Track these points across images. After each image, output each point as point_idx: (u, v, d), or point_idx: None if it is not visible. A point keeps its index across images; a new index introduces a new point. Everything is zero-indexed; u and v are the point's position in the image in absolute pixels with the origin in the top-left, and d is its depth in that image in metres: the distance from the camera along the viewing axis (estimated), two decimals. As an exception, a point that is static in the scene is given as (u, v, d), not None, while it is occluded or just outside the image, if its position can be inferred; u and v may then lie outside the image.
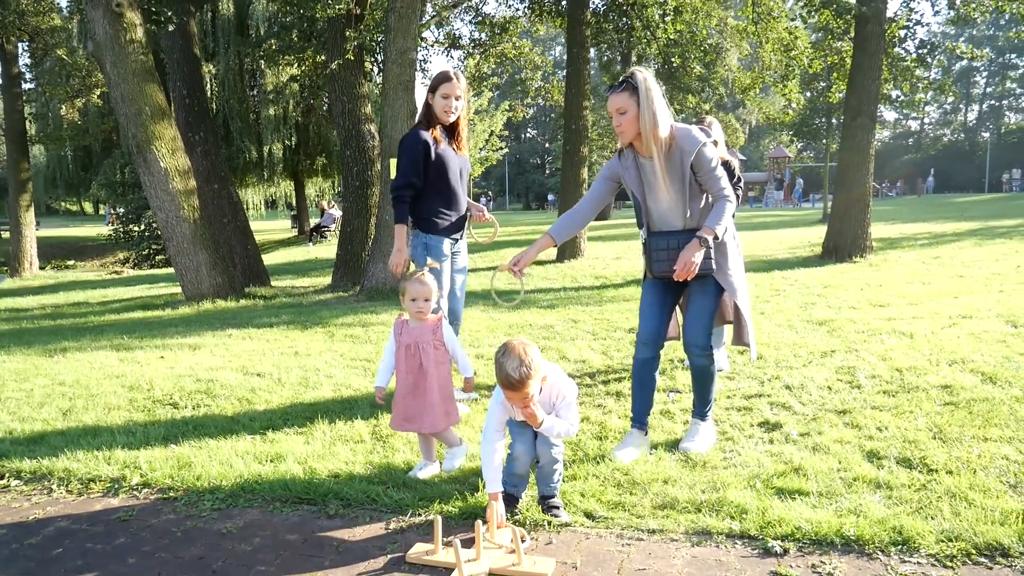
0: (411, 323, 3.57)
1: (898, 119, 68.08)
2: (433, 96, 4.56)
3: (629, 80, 3.50)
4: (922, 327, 6.25)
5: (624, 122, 3.51)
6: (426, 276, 3.55)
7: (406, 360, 3.53)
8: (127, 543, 2.99)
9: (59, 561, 2.86)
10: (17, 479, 3.74)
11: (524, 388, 2.80)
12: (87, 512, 3.33)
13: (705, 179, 3.57)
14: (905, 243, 13.98)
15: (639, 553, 2.73)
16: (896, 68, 13.98)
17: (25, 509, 3.39)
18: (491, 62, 17.67)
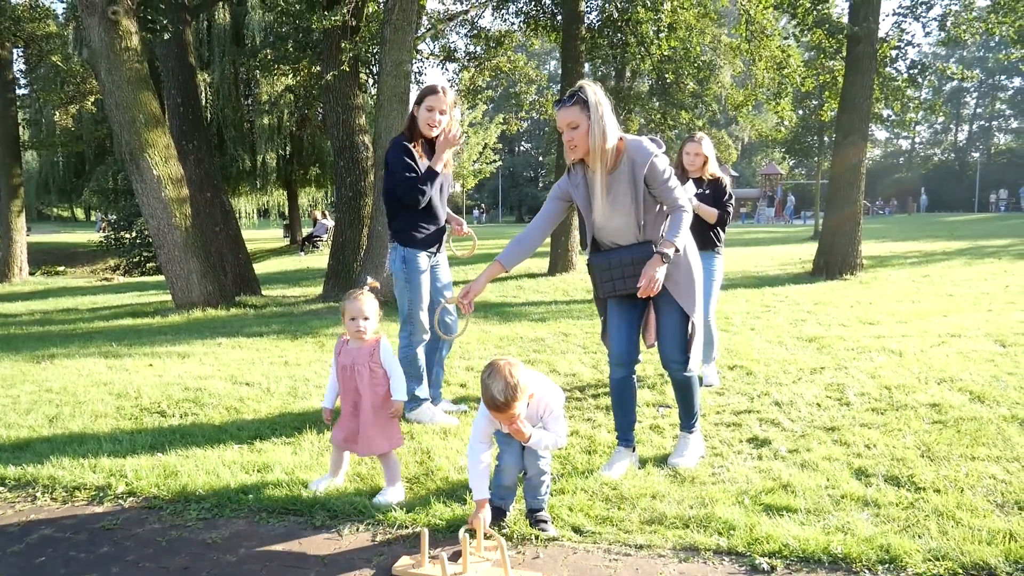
0: (351, 343, 3.51)
1: (889, 138, 68.68)
2: (418, 108, 4.54)
3: (579, 94, 3.42)
4: (911, 345, 6.27)
5: (576, 136, 3.43)
6: (364, 295, 3.48)
7: (344, 382, 3.49)
8: (111, 552, 2.97)
9: (41, 570, 2.84)
10: (1, 486, 3.71)
11: (510, 409, 2.80)
12: (71, 520, 3.30)
13: (659, 191, 3.50)
14: (895, 261, 14.06)
15: (627, 568, 2.72)
16: (887, 87, 14.08)
17: (8, 517, 3.36)
18: (486, 75, 17.72)
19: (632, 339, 3.76)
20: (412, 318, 4.64)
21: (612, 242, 3.65)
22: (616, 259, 3.58)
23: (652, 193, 3.52)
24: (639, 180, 3.45)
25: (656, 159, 3.45)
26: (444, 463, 3.80)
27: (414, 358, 4.67)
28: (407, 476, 3.68)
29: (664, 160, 3.50)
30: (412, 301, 4.62)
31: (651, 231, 3.57)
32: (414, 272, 4.58)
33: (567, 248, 13.87)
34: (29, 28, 20.89)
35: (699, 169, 5.42)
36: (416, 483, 3.60)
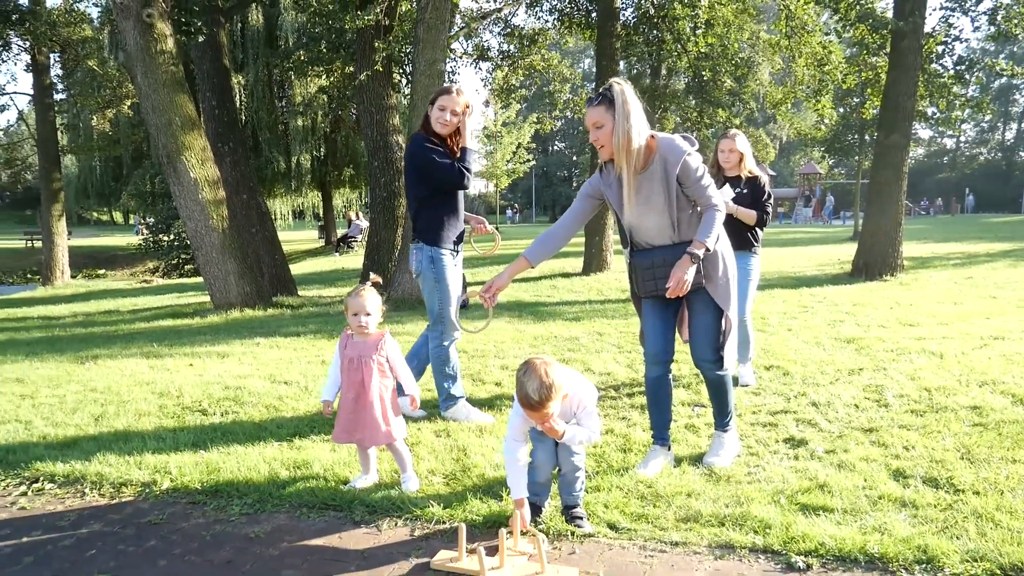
0: (355, 337, 3.56)
1: (933, 137, 67.12)
2: (432, 108, 4.57)
3: (606, 93, 3.41)
4: (952, 347, 6.18)
5: (601, 136, 3.44)
6: (367, 290, 3.54)
7: (348, 374, 3.52)
8: (158, 546, 3.05)
9: (92, 562, 2.93)
10: (51, 482, 3.82)
11: (544, 408, 2.82)
12: (119, 515, 3.40)
13: (692, 189, 3.48)
14: (937, 262, 13.83)
15: (662, 565, 2.74)
16: (932, 85, 13.75)
17: (59, 512, 3.47)
18: (519, 74, 17.74)
19: (668, 338, 3.76)
20: (443, 317, 4.65)
21: (647, 242, 3.64)
22: (659, 258, 3.57)
23: (685, 192, 3.49)
24: (672, 179, 3.44)
25: (689, 157, 3.43)
26: (480, 460, 3.84)
27: (447, 357, 4.69)
28: (444, 473, 3.73)
29: (697, 158, 3.48)
30: (442, 300, 4.63)
31: (687, 231, 3.55)
32: (442, 271, 4.59)
33: (601, 248, 13.86)
34: (65, 33, 21.32)
35: (735, 167, 5.39)
36: (453, 480, 3.64)
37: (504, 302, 10.59)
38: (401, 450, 3.57)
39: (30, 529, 3.26)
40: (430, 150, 4.50)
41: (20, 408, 5.31)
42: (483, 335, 7.63)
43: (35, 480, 3.84)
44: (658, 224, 3.55)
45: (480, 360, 6.45)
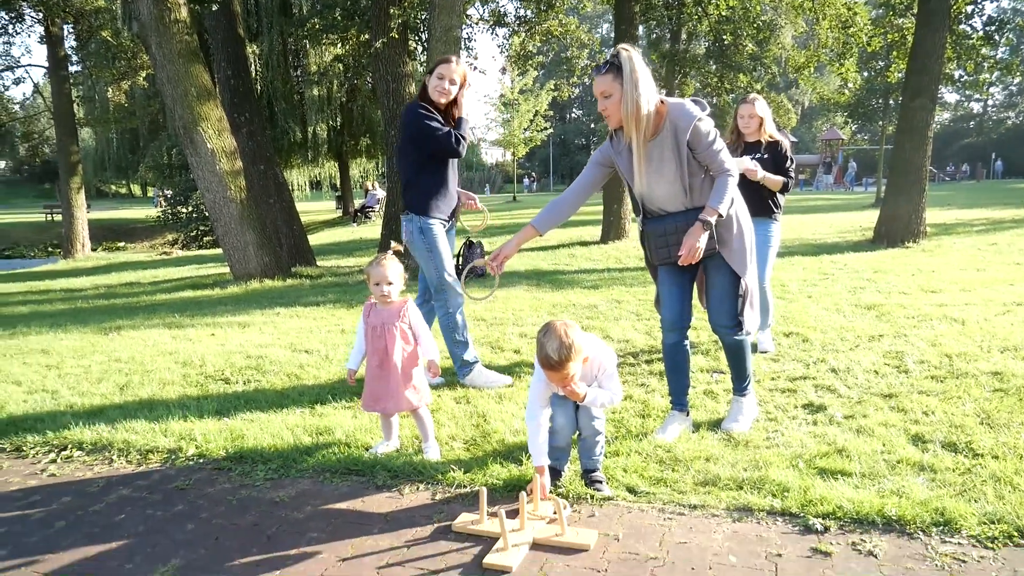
0: (378, 306, 3.59)
1: (960, 100, 65.72)
2: (429, 76, 4.57)
3: (613, 61, 3.33)
4: (974, 314, 6.13)
5: (610, 106, 3.36)
6: (388, 259, 3.55)
7: (372, 342, 3.55)
8: (185, 510, 3.12)
9: (121, 526, 3.00)
10: (79, 450, 3.90)
11: (564, 369, 2.83)
12: (146, 481, 3.47)
13: (704, 155, 3.41)
14: (961, 229, 13.66)
15: (680, 527, 2.77)
16: (961, 46, 13.42)
17: (88, 478, 3.54)
18: (536, 40, 17.54)
19: (684, 304, 3.74)
20: (443, 285, 4.68)
21: (661, 209, 3.61)
22: (671, 226, 3.53)
23: (697, 158, 3.43)
24: (683, 145, 3.37)
25: (700, 122, 3.36)
26: (500, 426, 3.88)
27: (455, 324, 4.72)
28: (464, 438, 3.77)
29: (708, 123, 3.41)
30: (439, 268, 4.66)
31: (700, 197, 3.50)
32: (433, 241, 4.61)
33: (619, 216, 13.80)
34: (78, 3, 21.26)
35: (755, 132, 5.33)
36: (473, 445, 3.68)
37: (522, 270, 10.60)
38: (424, 417, 3.61)
39: (61, 495, 3.34)
40: (425, 117, 4.50)
41: (47, 378, 5.41)
42: (502, 303, 7.66)
43: (64, 448, 3.92)
44: (670, 191, 3.51)
45: (499, 328, 6.48)
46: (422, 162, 4.59)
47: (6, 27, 23.38)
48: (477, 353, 4.86)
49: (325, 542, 2.78)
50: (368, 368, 3.59)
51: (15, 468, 3.70)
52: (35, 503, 3.26)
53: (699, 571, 2.47)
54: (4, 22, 23.09)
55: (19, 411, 4.56)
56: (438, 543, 2.73)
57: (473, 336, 6.13)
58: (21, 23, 22.99)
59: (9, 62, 27.06)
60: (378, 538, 2.79)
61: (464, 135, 4.60)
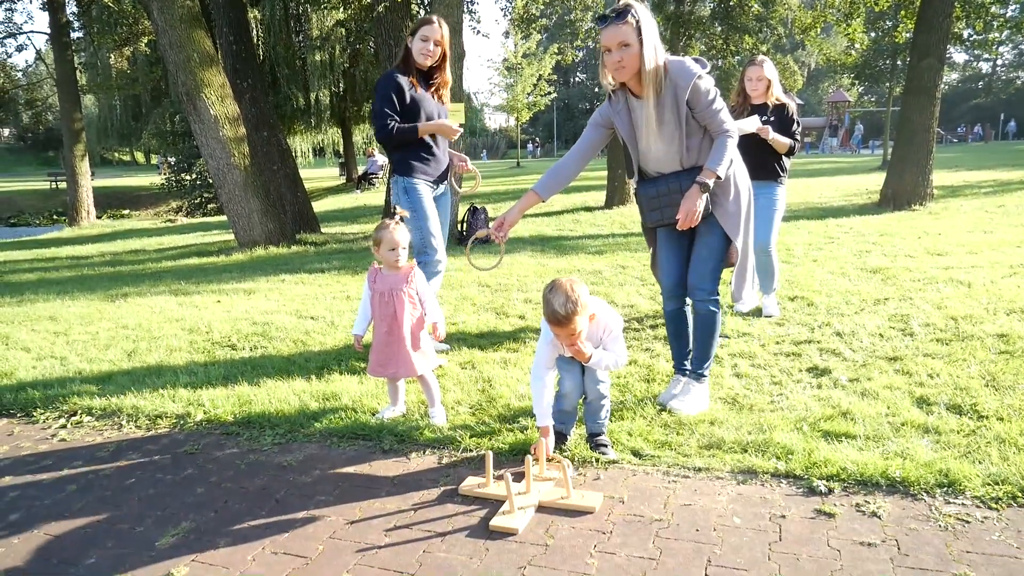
0: (384, 271, 3.58)
1: (968, 61, 64.79)
2: (412, 39, 4.53)
3: (630, 11, 3.16)
4: (981, 276, 6.12)
5: (627, 57, 3.17)
6: (398, 225, 3.54)
7: (380, 308, 3.54)
8: (194, 474, 3.15)
9: (132, 490, 3.03)
10: (89, 415, 3.93)
11: (570, 324, 2.82)
12: (155, 446, 3.51)
13: (703, 114, 3.31)
14: (968, 191, 13.56)
15: (685, 490, 2.79)
16: (970, 4, 13.21)
17: (98, 443, 3.58)
18: (540, 3, 17.34)
19: (682, 269, 3.64)
20: (425, 247, 4.63)
21: (656, 170, 3.51)
22: (664, 187, 3.44)
23: (695, 117, 3.32)
24: (682, 104, 3.26)
25: (700, 80, 3.25)
26: (505, 391, 3.90)
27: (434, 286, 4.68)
28: (470, 403, 3.79)
29: (709, 81, 3.31)
30: (422, 230, 4.60)
31: (697, 158, 3.40)
32: (417, 201, 4.58)
33: (624, 180, 13.71)
34: (79, -33, 21.03)
35: (762, 94, 5.28)
36: (479, 410, 3.70)
37: (527, 236, 10.58)
38: (431, 382, 3.62)
39: (71, 460, 3.38)
40: (382, 95, 4.50)
41: (55, 345, 5.44)
42: (507, 269, 7.66)
43: (74, 413, 3.96)
44: (668, 151, 3.41)
45: (503, 294, 6.48)
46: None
47: (8, -7, 23.17)
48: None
49: (333, 505, 2.81)
50: (376, 334, 3.59)
51: (26, 433, 3.74)
52: (46, 467, 3.30)
53: (704, 532, 2.50)
54: (5, -12, 22.89)
55: (29, 377, 4.59)
56: (445, 506, 2.76)
57: (475, 303, 6.15)
58: (22, -11, 22.73)
59: (11, 28, 26.86)
60: (385, 501, 2.82)
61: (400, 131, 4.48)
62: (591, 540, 2.49)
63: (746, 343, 4.66)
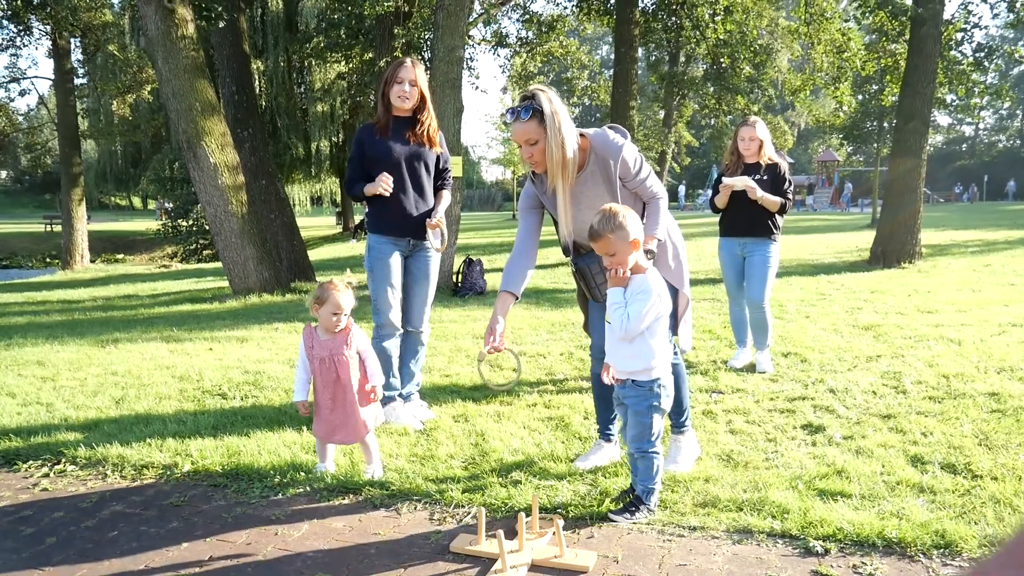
0: (322, 335, 3.43)
1: (952, 124, 66.14)
2: (390, 87, 4.26)
3: (533, 105, 3.13)
4: (971, 334, 6.14)
5: (536, 152, 3.18)
6: (348, 289, 3.42)
7: (322, 375, 3.41)
8: (179, 527, 3.09)
9: (115, 543, 2.97)
10: (73, 464, 3.86)
11: (600, 240, 2.87)
12: (140, 497, 3.44)
13: (632, 183, 3.30)
14: (955, 250, 13.71)
15: (680, 549, 2.75)
16: (952, 71, 13.66)
17: (81, 493, 3.51)
18: (538, 60, 17.69)
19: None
20: (377, 309, 4.38)
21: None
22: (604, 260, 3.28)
23: (627, 187, 3.31)
24: (614, 178, 3.25)
25: (625, 152, 3.24)
26: (498, 445, 3.86)
27: (381, 351, 4.30)
28: (462, 457, 3.75)
29: (632, 150, 3.29)
30: (375, 292, 4.37)
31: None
32: (375, 260, 4.34)
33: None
34: (86, 17, 21.37)
35: (755, 154, 5.36)
36: (471, 464, 3.66)
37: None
38: (371, 443, 3.54)
39: (53, 510, 3.31)
40: (352, 153, 4.37)
41: (41, 391, 5.38)
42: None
43: (57, 462, 3.89)
44: None
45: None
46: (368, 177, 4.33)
47: (14, 39, 23.48)
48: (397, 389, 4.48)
49: (321, 562, 2.75)
50: (319, 400, 3.45)
51: (7, 482, 3.67)
52: (26, 519, 3.23)
53: (698, 593, 2.45)
54: (12, 35, 23.20)
55: (12, 424, 4.52)
56: (436, 563, 2.71)
57: (469, 355, 6.13)
58: (29, 36, 23.09)
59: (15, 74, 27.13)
60: (375, 558, 2.77)
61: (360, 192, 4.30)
62: (584, 600, 2.44)
63: (740, 399, 4.64)
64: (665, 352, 3.02)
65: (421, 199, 4.39)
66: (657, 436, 3.01)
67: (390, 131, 4.31)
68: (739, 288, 5.64)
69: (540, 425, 4.24)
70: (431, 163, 4.44)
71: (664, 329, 3.02)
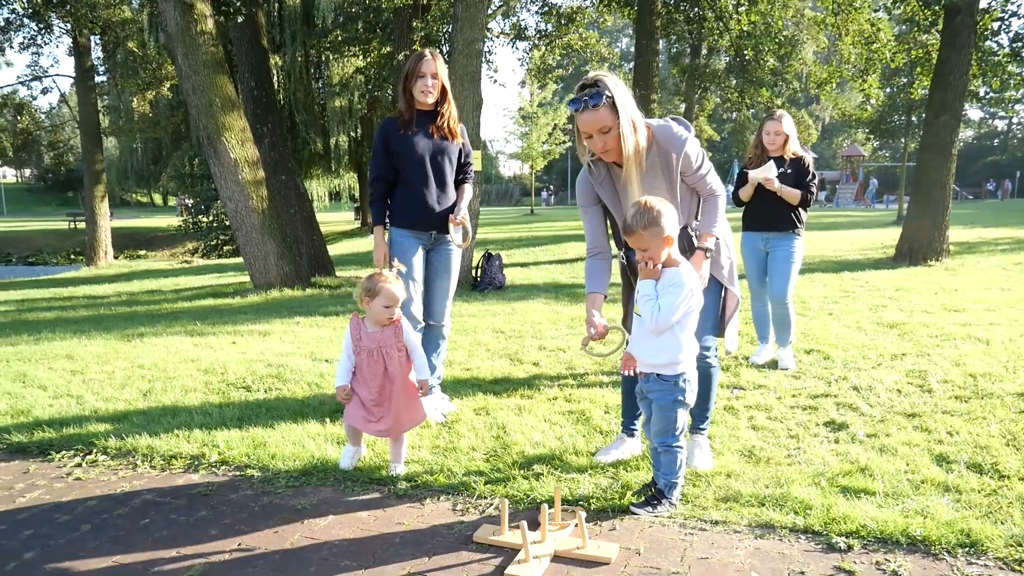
0: (370, 327, 3.42)
1: (984, 118, 65.21)
2: (413, 81, 4.26)
3: (604, 92, 3.03)
4: (999, 334, 6.08)
5: (609, 140, 3.07)
6: (399, 281, 3.42)
7: (369, 366, 3.39)
8: (209, 516, 3.14)
9: (146, 531, 3.02)
10: (104, 454, 3.93)
11: (633, 235, 2.86)
12: (170, 486, 3.50)
13: (693, 179, 3.25)
14: (985, 248, 13.53)
15: (702, 543, 2.76)
16: (986, 63, 13.36)
17: (113, 483, 3.57)
18: (556, 53, 17.64)
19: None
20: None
21: None
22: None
23: (685, 181, 3.26)
24: (675, 170, 3.20)
25: (688, 147, 3.19)
26: (520, 438, 3.88)
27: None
28: (484, 449, 3.77)
29: (695, 144, 3.24)
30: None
31: (686, 215, 3.31)
32: (398, 253, 4.31)
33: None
34: (105, 15, 21.59)
35: (780, 148, 5.34)
36: (493, 456, 3.68)
37: (540, 283, 10.63)
38: (403, 440, 3.55)
39: (86, 499, 3.37)
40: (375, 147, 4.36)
41: (71, 383, 5.46)
42: (520, 315, 7.71)
43: (89, 452, 3.96)
44: None
45: (517, 340, 6.49)
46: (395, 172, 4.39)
47: (35, 38, 23.78)
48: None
49: (347, 550, 2.79)
50: (362, 392, 3.45)
51: (42, 471, 3.75)
52: (60, 506, 3.30)
53: (721, 587, 2.46)
54: (33, 33, 23.50)
55: (45, 415, 4.61)
56: (459, 553, 2.74)
57: (489, 348, 6.15)
58: (50, 34, 23.38)
59: (37, 72, 27.51)
60: (400, 547, 2.80)
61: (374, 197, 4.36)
62: (607, 592, 2.46)
63: (762, 395, 4.63)
64: (692, 347, 3.02)
65: (443, 193, 4.42)
66: (681, 431, 3.02)
67: (414, 125, 4.33)
68: (761, 284, 5.62)
69: (561, 419, 4.26)
70: (454, 157, 4.45)
71: (693, 324, 3.01)
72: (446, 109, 4.39)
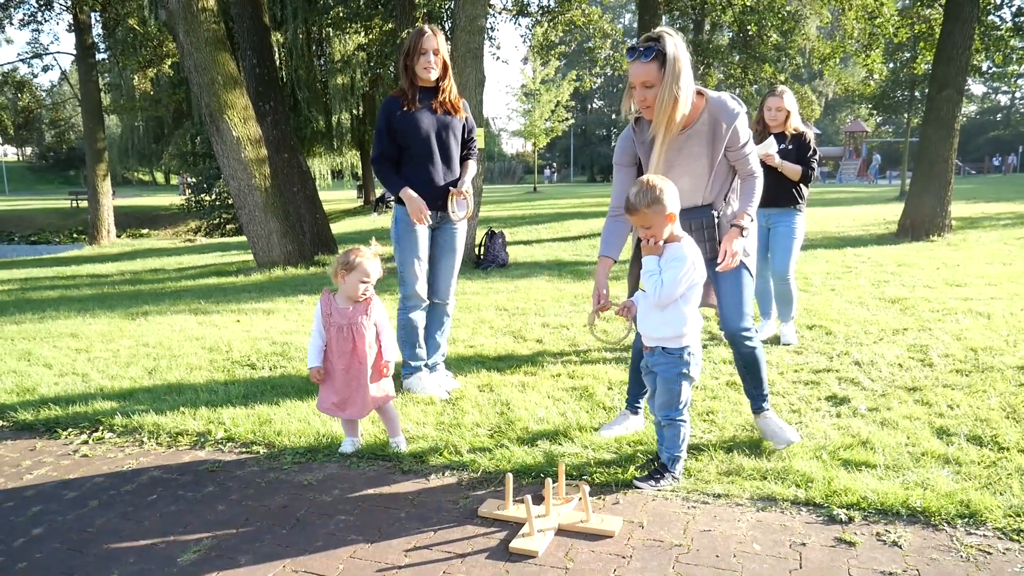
0: (341, 303, 3.38)
1: (987, 93, 64.80)
2: (415, 58, 4.24)
3: (656, 47, 3.01)
4: (1000, 308, 6.09)
5: (649, 96, 3.07)
6: (376, 255, 3.38)
7: (338, 343, 3.35)
8: (215, 492, 3.18)
9: (154, 506, 3.06)
10: (111, 432, 3.97)
11: (636, 214, 2.89)
12: (177, 463, 3.54)
13: (735, 154, 3.23)
14: (987, 223, 13.50)
15: (704, 515, 2.79)
16: (989, 37, 13.28)
17: (120, 459, 3.61)
18: (559, 30, 17.50)
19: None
20: (403, 280, 4.43)
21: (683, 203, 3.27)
22: (697, 221, 3.29)
23: (727, 155, 3.24)
24: (719, 141, 3.18)
25: (739, 122, 3.17)
26: (523, 414, 3.91)
27: (407, 322, 4.46)
28: (488, 426, 3.80)
29: (745, 120, 3.22)
30: (402, 263, 4.41)
31: (712, 194, 3.31)
32: (403, 231, 4.37)
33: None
34: (106, -9, 21.43)
35: (781, 124, 5.33)
36: (497, 432, 3.71)
37: (543, 261, 10.63)
38: (390, 412, 3.54)
39: (93, 476, 3.41)
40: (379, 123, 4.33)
41: (76, 362, 5.50)
42: (523, 293, 7.72)
43: (95, 429, 4.00)
44: (693, 185, 3.26)
45: (521, 318, 6.51)
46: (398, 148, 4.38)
47: (35, 15, 23.64)
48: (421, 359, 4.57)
49: (353, 525, 2.82)
50: (332, 369, 3.41)
51: (49, 448, 3.78)
52: (68, 483, 3.33)
53: (723, 558, 2.49)
54: (33, 10, 23.35)
55: (51, 393, 4.64)
56: (464, 527, 2.77)
57: (493, 326, 6.18)
58: (50, 11, 23.22)
59: (37, 49, 27.39)
60: (405, 522, 2.83)
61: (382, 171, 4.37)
62: (611, 564, 2.49)
63: (764, 371, 4.65)
64: (696, 321, 3.04)
65: (449, 170, 4.43)
66: (685, 404, 3.04)
67: (417, 102, 4.31)
68: (763, 260, 5.62)
69: (564, 395, 4.28)
70: (458, 132, 4.45)
71: (697, 297, 3.02)
72: (446, 84, 4.37)
